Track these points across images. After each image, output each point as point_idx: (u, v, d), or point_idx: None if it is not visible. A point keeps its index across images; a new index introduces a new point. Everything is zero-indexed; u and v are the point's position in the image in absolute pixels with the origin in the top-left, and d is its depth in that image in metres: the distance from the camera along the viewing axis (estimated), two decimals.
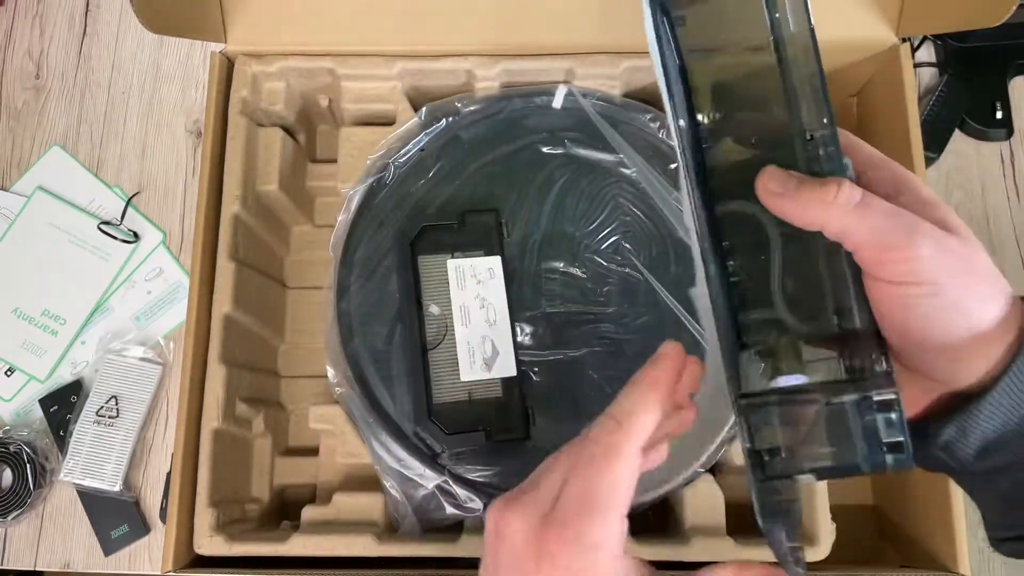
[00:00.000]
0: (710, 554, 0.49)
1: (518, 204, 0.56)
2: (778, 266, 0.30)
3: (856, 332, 0.28)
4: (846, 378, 0.28)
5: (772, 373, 0.30)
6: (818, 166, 0.28)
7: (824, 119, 0.28)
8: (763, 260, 0.30)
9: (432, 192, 0.56)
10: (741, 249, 0.30)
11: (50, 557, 0.62)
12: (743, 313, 0.30)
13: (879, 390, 0.27)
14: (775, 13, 0.29)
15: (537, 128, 0.57)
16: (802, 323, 0.29)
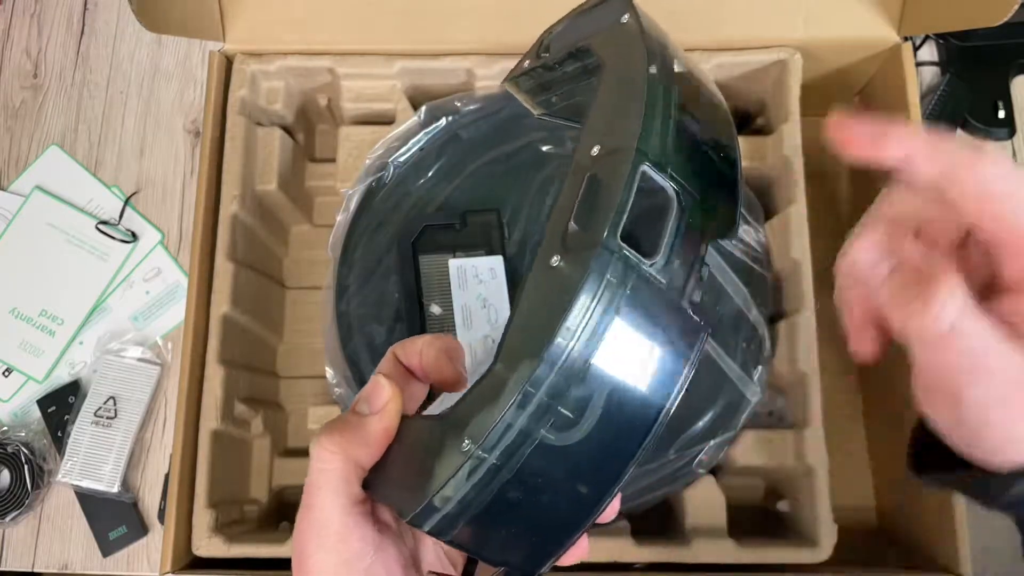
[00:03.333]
0: (710, 555, 0.49)
1: (518, 204, 0.55)
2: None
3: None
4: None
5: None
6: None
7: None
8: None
9: (432, 192, 0.56)
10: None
11: (48, 558, 0.61)
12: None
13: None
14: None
15: (537, 127, 0.56)
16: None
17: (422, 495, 0.23)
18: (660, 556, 0.49)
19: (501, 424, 0.22)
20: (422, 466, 0.24)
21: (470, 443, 0.22)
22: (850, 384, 0.61)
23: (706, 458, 0.50)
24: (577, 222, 0.24)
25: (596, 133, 0.26)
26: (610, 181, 0.24)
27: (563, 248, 0.24)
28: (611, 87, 0.27)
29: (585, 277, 0.22)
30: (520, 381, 0.22)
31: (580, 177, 0.25)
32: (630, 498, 0.51)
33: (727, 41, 0.56)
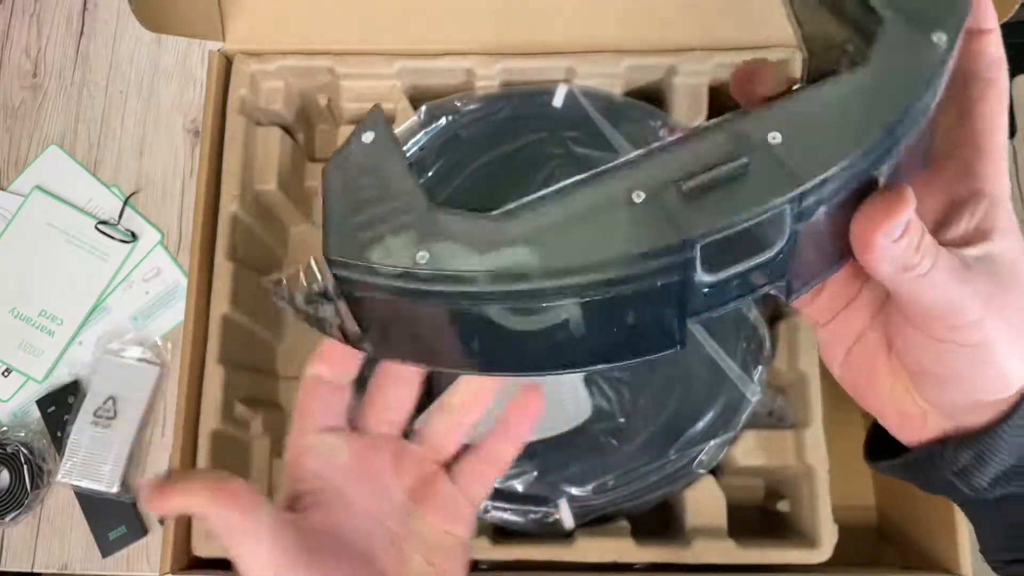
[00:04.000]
0: (711, 555, 0.49)
1: None
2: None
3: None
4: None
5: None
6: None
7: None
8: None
9: (431, 191, 0.55)
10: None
11: (48, 559, 0.61)
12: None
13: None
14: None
15: (537, 127, 0.56)
16: None
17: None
18: (660, 556, 0.49)
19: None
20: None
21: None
22: None
23: (706, 458, 0.50)
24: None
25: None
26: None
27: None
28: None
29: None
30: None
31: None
32: (630, 498, 0.51)
33: (727, 41, 0.56)
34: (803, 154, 0.22)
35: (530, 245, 0.23)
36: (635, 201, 0.22)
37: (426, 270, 0.23)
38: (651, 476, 0.50)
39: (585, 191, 0.23)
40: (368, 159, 0.26)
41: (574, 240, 0.23)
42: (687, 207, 0.22)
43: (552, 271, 0.23)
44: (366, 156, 0.26)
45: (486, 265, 0.23)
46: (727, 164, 0.22)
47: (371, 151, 0.26)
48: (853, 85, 0.23)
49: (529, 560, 0.49)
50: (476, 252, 0.23)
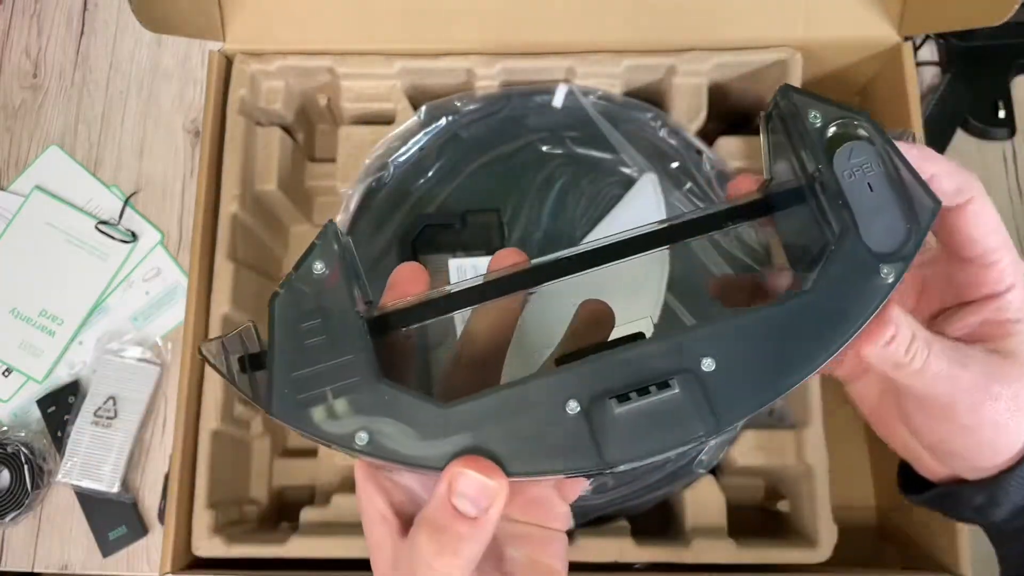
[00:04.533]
0: (711, 555, 0.49)
1: (518, 203, 0.55)
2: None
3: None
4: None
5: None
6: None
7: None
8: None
9: (431, 191, 0.56)
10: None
11: (48, 559, 0.61)
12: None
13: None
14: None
15: (537, 127, 0.56)
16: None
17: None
18: (660, 556, 0.49)
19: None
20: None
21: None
22: None
23: (706, 458, 0.50)
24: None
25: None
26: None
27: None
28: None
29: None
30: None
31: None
32: (630, 498, 0.51)
33: (727, 41, 0.56)
34: (729, 392, 0.24)
35: (469, 441, 0.24)
36: (568, 413, 0.24)
37: (363, 448, 0.24)
38: (651, 476, 0.50)
39: (527, 391, 0.24)
40: (317, 296, 0.26)
41: (510, 444, 0.24)
42: (614, 431, 0.23)
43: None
44: (316, 293, 0.26)
45: (421, 453, 0.24)
46: (659, 393, 0.23)
47: (321, 286, 0.26)
48: (794, 316, 0.24)
49: None
50: (416, 438, 0.24)
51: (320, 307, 0.26)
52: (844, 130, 0.26)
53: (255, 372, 0.26)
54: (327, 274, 0.26)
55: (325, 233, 0.26)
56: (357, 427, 0.24)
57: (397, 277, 0.29)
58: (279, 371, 0.25)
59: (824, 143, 0.26)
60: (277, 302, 0.26)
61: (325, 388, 0.25)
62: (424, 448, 0.24)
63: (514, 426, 0.24)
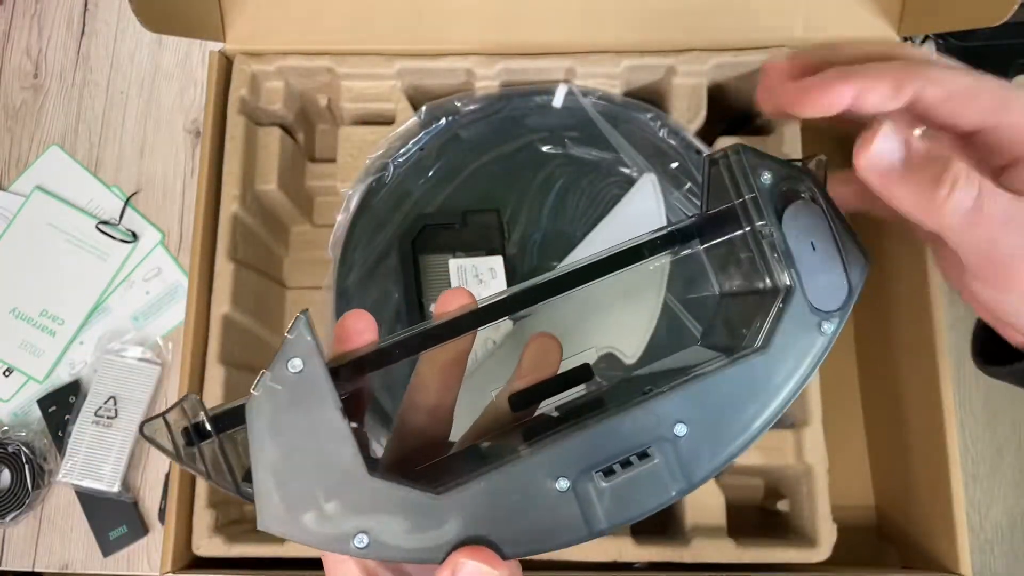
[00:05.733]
0: (710, 555, 0.49)
1: (518, 203, 0.55)
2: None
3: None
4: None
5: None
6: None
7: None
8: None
9: (431, 191, 0.56)
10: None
11: (48, 558, 0.61)
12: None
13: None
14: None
15: (537, 127, 0.56)
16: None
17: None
18: (660, 556, 0.49)
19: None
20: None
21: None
22: (850, 384, 0.61)
23: None
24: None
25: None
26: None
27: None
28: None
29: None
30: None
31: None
32: None
33: (727, 41, 0.56)
34: (698, 454, 0.25)
35: (466, 529, 0.24)
36: (559, 490, 0.25)
37: (363, 550, 0.24)
38: None
39: (517, 471, 0.25)
40: (296, 398, 0.25)
41: (505, 528, 0.25)
42: (601, 503, 0.25)
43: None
44: (293, 394, 0.25)
45: (419, 545, 0.24)
46: (640, 464, 0.25)
47: (299, 387, 0.25)
48: (751, 373, 0.26)
49: (529, 560, 0.49)
50: (412, 530, 0.24)
51: (299, 405, 0.25)
52: (790, 187, 0.28)
53: (202, 443, 0.25)
54: (303, 369, 0.25)
55: (297, 326, 0.25)
56: (353, 528, 0.24)
57: (345, 328, 0.28)
58: (263, 479, 0.24)
59: (773, 202, 0.28)
60: (254, 406, 0.24)
61: (315, 491, 0.24)
62: (421, 540, 0.24)
63: (507, 509, 0.25)
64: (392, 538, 0.24)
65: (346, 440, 0.24)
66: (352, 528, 0.24)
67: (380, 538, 0.24)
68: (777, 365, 0.26)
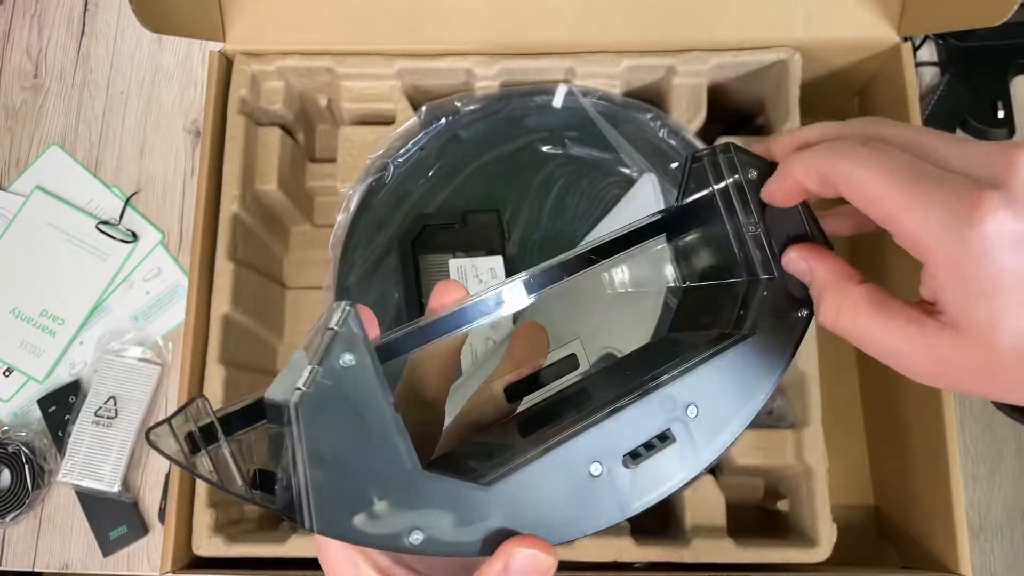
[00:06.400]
0: (710, 555, 0.49)
1: (518, 203, 0.55)
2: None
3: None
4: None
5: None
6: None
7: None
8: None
9: (431, 192, 0.56)
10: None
11: (49, 558, 0.61)
12: None
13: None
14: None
15: (537, 127, 0.56)
16: None
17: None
18: (660, 556, 0.49)
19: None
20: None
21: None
22: (850, 383, 0.61)
23: None
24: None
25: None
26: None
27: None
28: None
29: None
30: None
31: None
32: None
33: (727, 41, 0.56)
34: (708, 432, 0.28)
35: (512, 519, 0.25)
36: (594, 475, 0.26)
37: (418, 546, 0.24)
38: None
39: (554, 459, 0.26)
40: (346, 393, 0.23)
41: (548, 515, 0.26)
42: (631, 485, 0.27)
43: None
44: (343, 389, 0.23)
45: (468, 538, 0.24)
46: (662, 446, 0.27)
47: (349, 381, 0.23)
48: (746, 355, 0.29)
49: None
50: (460, 524, 0.24)
51: (350, 400, 0.23)
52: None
53: (209, 448, 0.24)
54: (354, 365, 0.24)
55: (347, 318, 0.24)
56: (408, 525, 0.24)
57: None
58: (314, 482, 0.23)
59: (758, 199, 0.29)
60: (304, 403, 0.23)
61: (368, 490, 0.23)
62: (470, 533, 0.24)
63: (548, 497, 0.25)
64: (443, 533, 0.24)
65: (399, 434, 0.24)
66: (407, 525, 0.24)
67: (433, 534, 0.24)
68: (767, 347, 0.29)
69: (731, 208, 0.30)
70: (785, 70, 0.56)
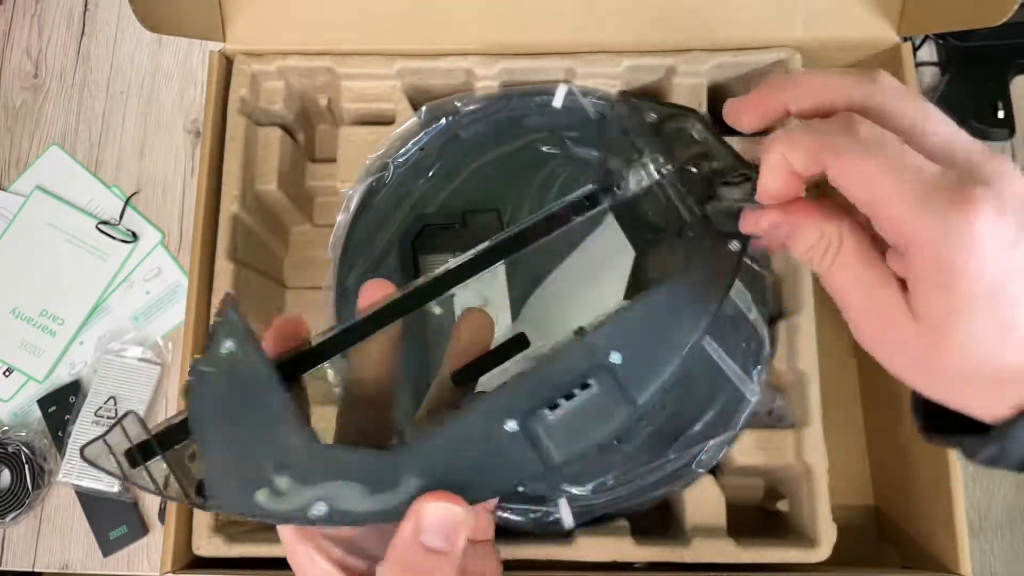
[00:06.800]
0: (710, 555, 0.49)
1: (518, 203, 0.55)
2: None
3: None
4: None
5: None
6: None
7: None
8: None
9: (431, 191, 0.56)
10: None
11: (49, 558, 0.61)
12: None
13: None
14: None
15: (537, 127, 0.56)
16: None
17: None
18: (660, 556, 0.49)
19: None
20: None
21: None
22: (850, 383, 0.61)
23: (706, 458, 0.50)
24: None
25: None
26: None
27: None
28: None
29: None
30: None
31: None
32: (630, 498, 0.51)
33: (727, 41, 0.56)
34: (637, 375, 0.27)
35: (424, 481, 0.25)
36: (509, 430, 0.26)
37: (322, 517, 0.24)
38: (651, 476, 0.50)
39: (466, 421, 0.26)
40: (232, 375, 0.25)
41: (462, 474, 0.25)
42: (551, 436, 0.26)
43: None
44: (229, 372, 0.25)
45: (380, 506, 0.24)
46: (582, 394, 0.26)
47: (232, 364, 0.25)
48: (674, 294, 0.28)
49: (529, 559, 0.49)
50: (370, 492, 0.24)
51: (238, 385, 0.25)
52: (678, 126, 0.30)
53: (149, 462, 0.25)
54: (236, 350, 0.25)
55: (225, 308, 0.25)
56: (310, 498, 0.24)
57: (276, 330, 0.28)
58: (210, 462, 0.24)
59: (664, 142, 0.29)
60: (191, 393, 0.24)
61: (266, 467, 0.24)
62: (381, 500, 0.24)
63: (462, 456, 0.25)
64: (351, 503, 0.24)
65: (288, 410, 0.24)
66: (309, 498, 0.24)
67: (339, 505, 0.24)
68: (696, 283, 0.28)
69: (642, 155, 0.29)
70: (785, 70, 0.56)
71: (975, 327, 0.22)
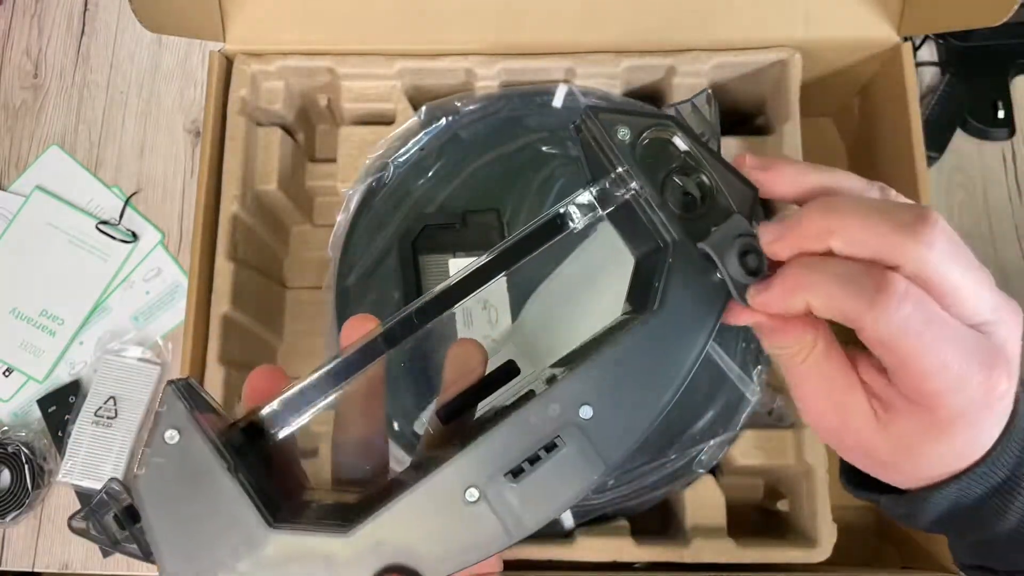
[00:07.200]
0: (710, 555, 0.49)
1: (518, 204, 0.55)
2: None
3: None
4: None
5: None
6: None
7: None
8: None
9: (432, 191, 0.56)
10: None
11: (48, 558, 0.61)
12: None
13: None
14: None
15: (537, 127, 0.56)
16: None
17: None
18: (660, 556, 0.49)
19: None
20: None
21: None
22: None
23: (706, 458, 0.50)
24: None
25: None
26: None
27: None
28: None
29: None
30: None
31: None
32: (630, 497, 0.51)
33: (727, 41, 0.56)
34: (609, 432, 0.24)
35: (384, 560, 0.24)
36: (470, 500, 0.24)
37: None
38: (651, 476, 0.50)
39: (424, 492, 0.24)
40: (179, 464, 0.24)
41: (423, 550, 0.24)
42: (517, 504, 0.24)
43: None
44: (176, 461, 0.24)
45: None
46: (548, 456, 0.24)
47: (179, 453, 0.24)
48: (654, 336, 0.25)
49: (529, 559, 0.49)
50: (332, 572, 0.24)
51: (188, 474, 0.24)
52: (657, 136, 0.27)
53: (136, 525, 0.25)
54: (180, 439, 0.24)
55: (167, 397, 0.25)
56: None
57: (253, 384, 0.28)
58: (165, 553, 0.24)
59: (639, 157, 0.26)
60: (140, 485, 0.24)
61: (222, 554, 0.24)
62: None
63: (421, 531, 0.24)
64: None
65: (239, 498, 0.24)
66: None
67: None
68: (677, 322, 0.25)
69: (621, 175, 0.27)
70: (785, 70, 0.56)
71: (942, 451, 0.25)
